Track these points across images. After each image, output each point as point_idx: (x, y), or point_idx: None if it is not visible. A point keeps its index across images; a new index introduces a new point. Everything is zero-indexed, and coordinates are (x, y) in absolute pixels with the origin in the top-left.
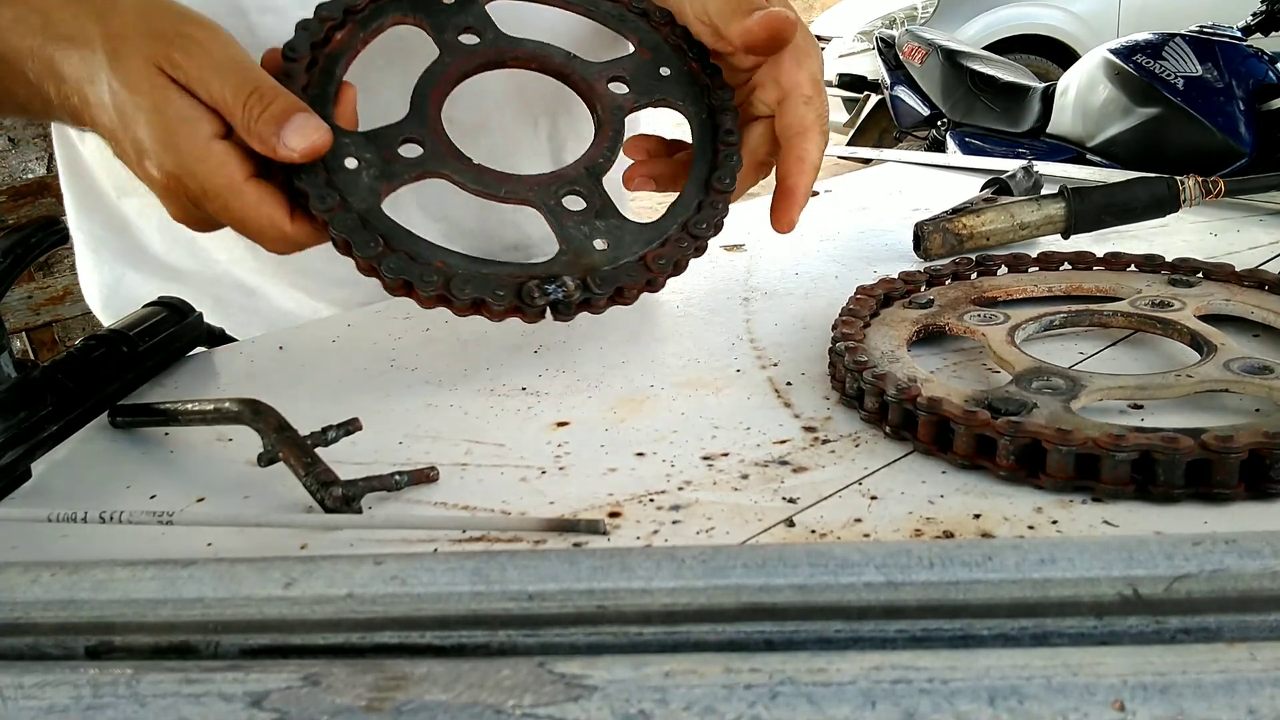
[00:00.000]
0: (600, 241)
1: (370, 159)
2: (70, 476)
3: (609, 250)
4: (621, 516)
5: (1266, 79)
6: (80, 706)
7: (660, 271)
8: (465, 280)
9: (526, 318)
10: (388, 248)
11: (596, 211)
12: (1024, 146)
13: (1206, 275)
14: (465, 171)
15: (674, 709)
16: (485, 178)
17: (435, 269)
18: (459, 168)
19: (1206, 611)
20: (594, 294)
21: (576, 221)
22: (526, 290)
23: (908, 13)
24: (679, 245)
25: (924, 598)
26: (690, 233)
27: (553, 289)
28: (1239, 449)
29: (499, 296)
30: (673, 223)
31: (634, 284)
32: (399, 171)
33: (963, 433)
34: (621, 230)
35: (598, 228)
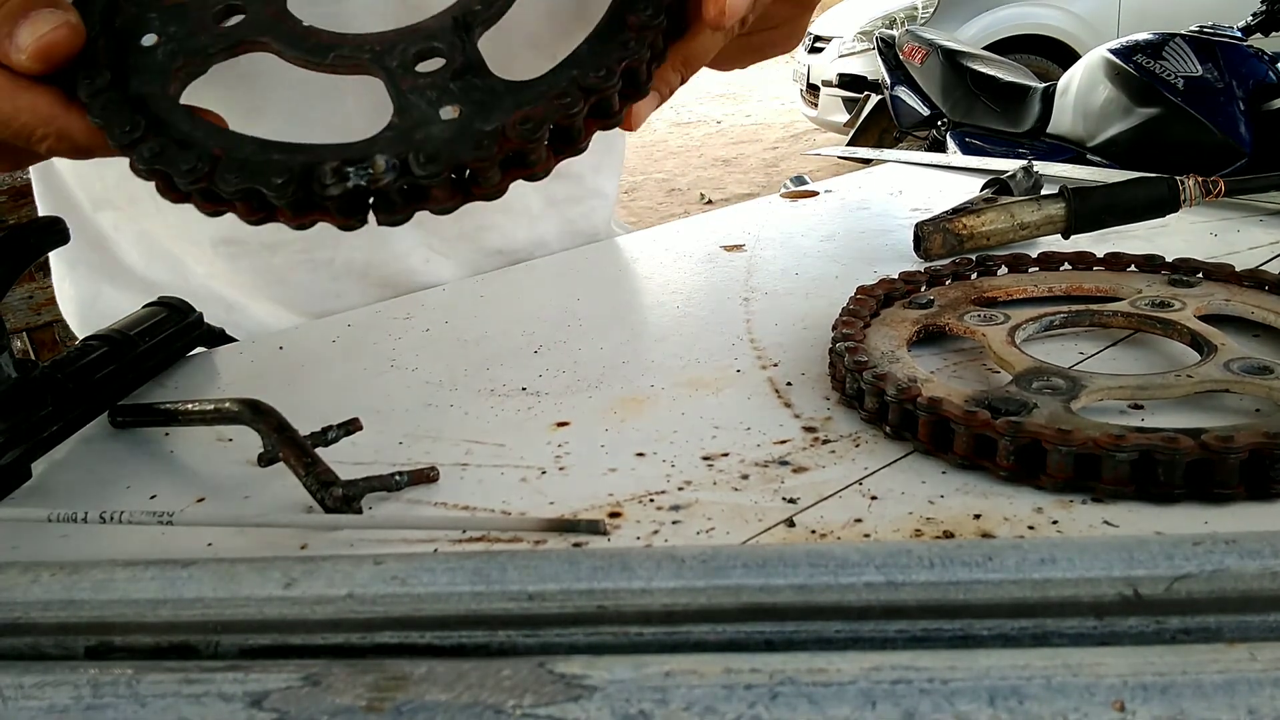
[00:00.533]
0: (450, 109)
1: (174, 33)
2: (70, 476)
3: (460, 120)
4: (621, 516)
5: (1266, 79)
6: (80, 706)
7: (524, 140)
8: (237, 167)
9: (329, 218)
10: (151, 132)
11: (455, 71)
12: (1024, 146)
13: (1206, 275)
14: (288, 37)
15: (674, 709)
16: (310, 42)
17: (207, 156)
18: (282, 32)
19: (1207, 611)
20: (416, 175)
21: (423, 86)
22: (317, 175)
23: (908, 13)
24: (559, 103)
25: (924, 598)
26: (581, 85)
27: (354, 171)
28: (1239, 449)
29: (278, 186)
30: (562, 76)
31: (480, 160)
32: (203, 46)
33: (963, 433)
34: (485, 91)
35: (451, 91)
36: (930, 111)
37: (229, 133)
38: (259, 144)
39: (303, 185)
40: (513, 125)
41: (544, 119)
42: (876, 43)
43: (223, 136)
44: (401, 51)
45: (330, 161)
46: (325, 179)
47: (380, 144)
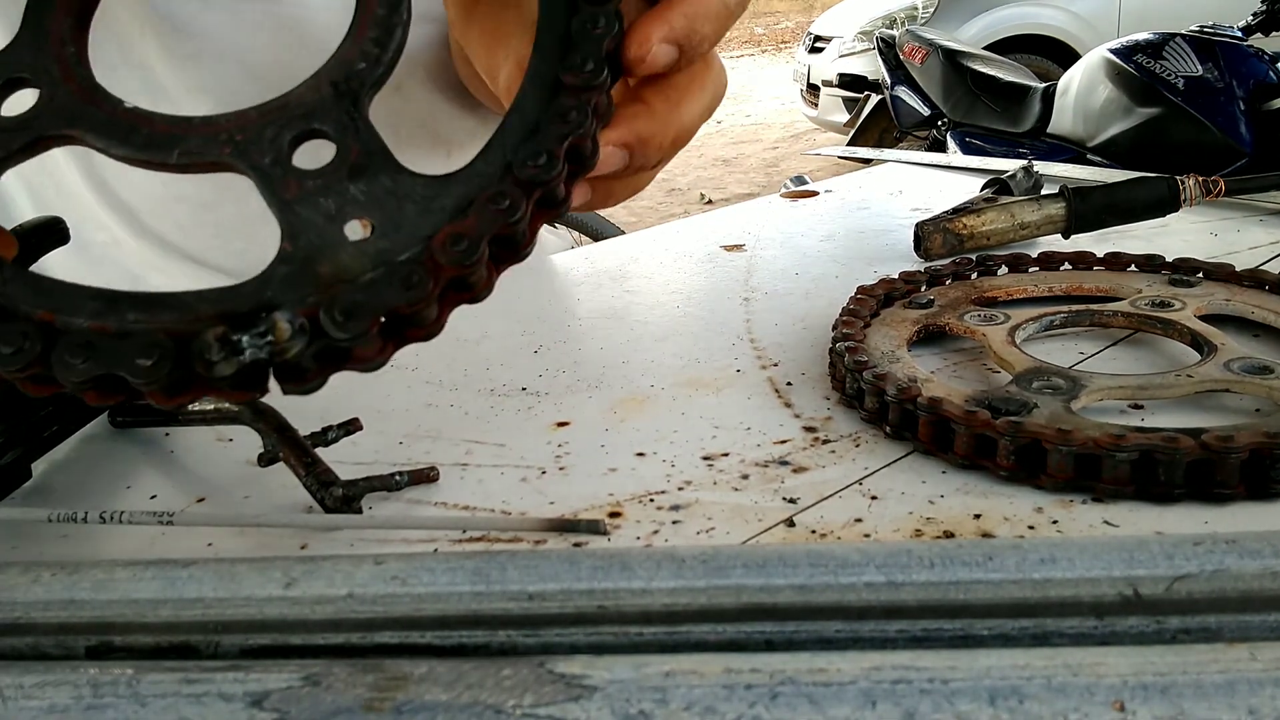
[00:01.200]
0: (357, 224)
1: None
2: (70, 476)
3: (374, 239)
4: (621, 516)
5: (1266, 79)
6: (80, 706)
7: (461, 266)
8: (78, 346)
9: (225, 395)
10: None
11: (354, 167)
12: (1024, 146)
13: (1207, 275)
14: (110, 125)
15: (674, 709)
16: (141, 133)
17: (30, 325)
18: (99, 120)
19: (1207, 611)
20: (335, 338)
21: (313, 191)
22: (198, 351)
23: (908, 13)
24: (496, 209)
25: (924, 598)
26: (519, 179)
27: (248, 340)
28: (1239, 449)
29: (146, 371)
30: (491, 164)
31: (412, 303)
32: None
33: (963, 433)
34: (398, 197)
35: (353, 198)
36: (930, 111)
37: (55, 284)
38: (104, 300)
39: (179, 364)
40: (443, 248)
41: (480, 233)
42: (876, 43)
43: (49, 292)
44: (273, 140)
45: (212, 327)
46: (209, 354)
47: (275, 286)
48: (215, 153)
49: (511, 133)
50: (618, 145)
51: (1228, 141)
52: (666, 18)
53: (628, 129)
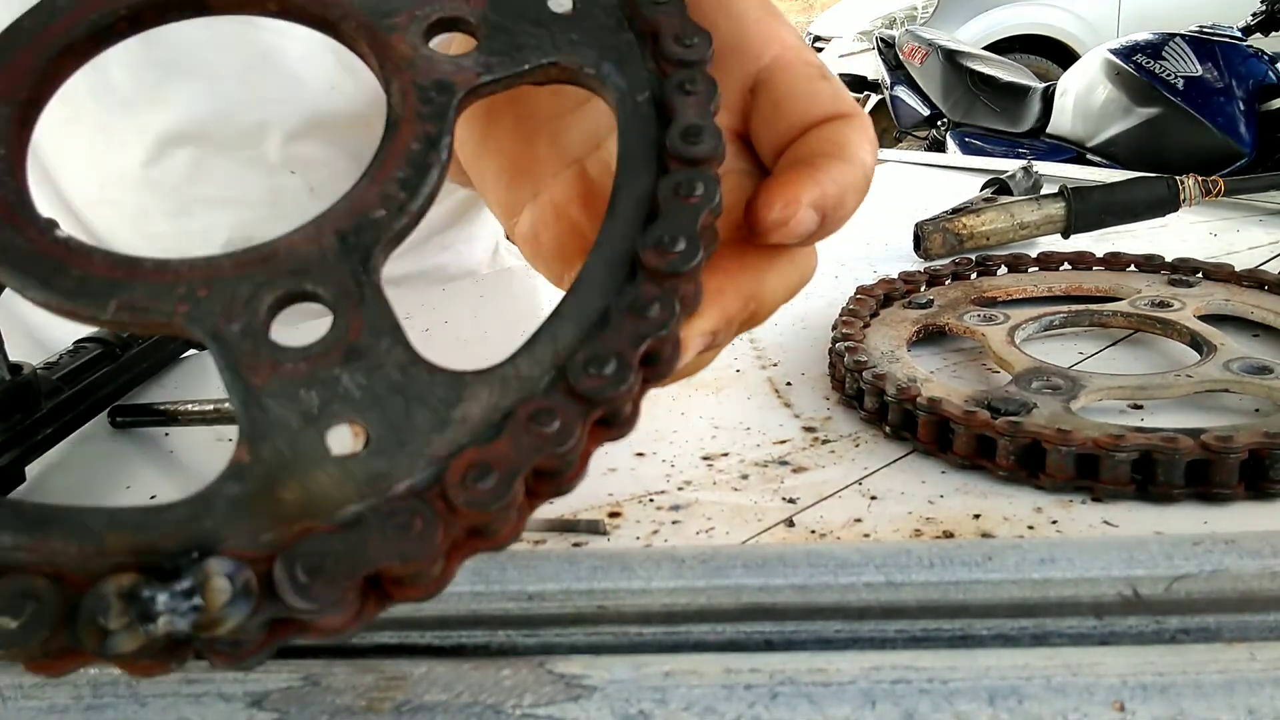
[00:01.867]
0: (347, 432)
1: None
2: (69, 477)
3: (367, 455)
4: (621, 516)
5: (1266, 79)
6: (80, 706)
7: (482, 510)
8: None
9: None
10: None
11: (351, 349)
12: (1024, 146)
13: (1206, 275)
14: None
15: (674, 709)
16: (73, 274)
17: None
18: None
19: (1206, 611)
20: (294, 606)
21: (292, 377)
22: (91, 611)
23: (908, 13)
24: (539, 433)
25: (924, 598)
26: (575, 390)
27: (165, 601)
28: (1239, 449)
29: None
30: (537, 364)
31: (407, 560)
32: None
33: (963, 433)
34: (406, 396)
35: (345, 393)
36: (930, 111)
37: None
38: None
39: (65, 626)
40: (460, 482)
41: (515, 465)
42: (876, 43)
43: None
44: (248, 301)
45: (116, 575)
46: (105, 618)
47: (216, 514)
48: (166, 309)
49: (567, 323)
50: (702, 336)
51: (1227, 141)
52: (818, 180)
53: (718, 315)
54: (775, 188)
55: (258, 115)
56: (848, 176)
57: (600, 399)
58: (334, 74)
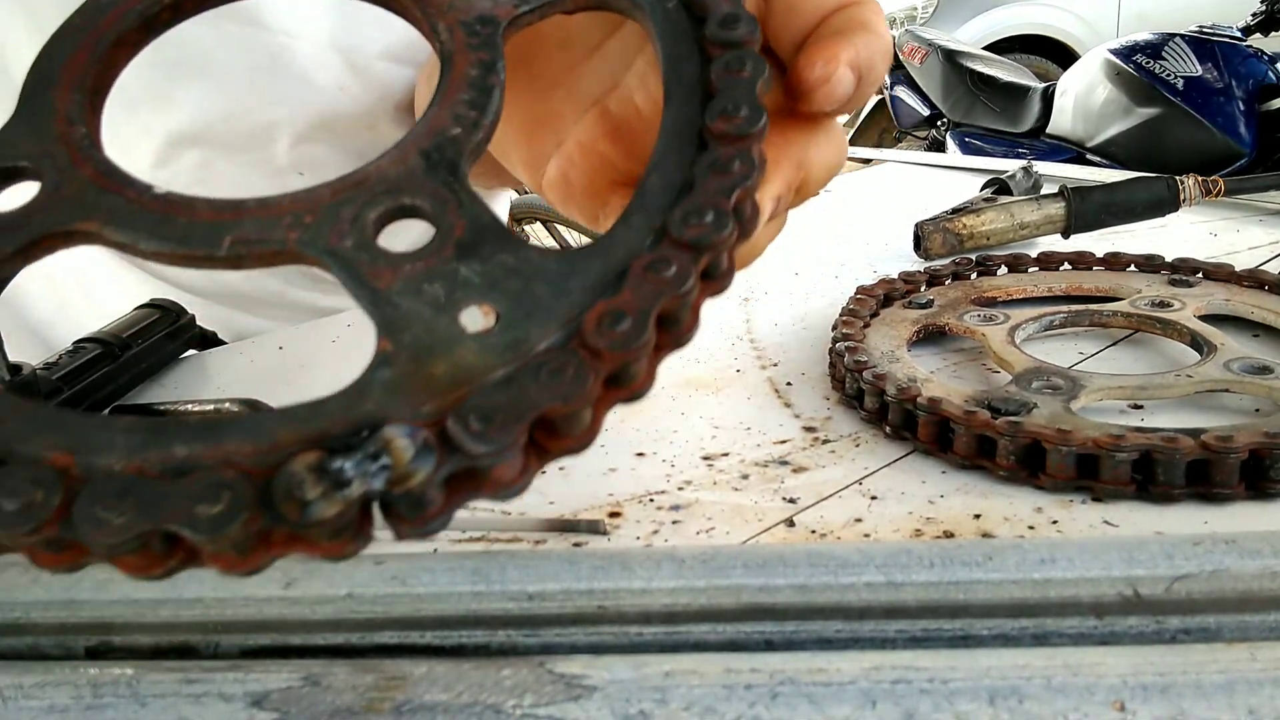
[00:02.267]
0: (478, 311)
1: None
2: None
3: (501, 329)
4: (621, 516)
5: (1266, 79)
6: (80, 706)
7: (621, 353)
8: (113, 495)
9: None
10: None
11: (461, 245)
12: (1024, 146)
13: (1206, 275)
14: (136, 216)
15: (674, 709)
16: (180, 222)
17: (44, 472)
18: (120, 209)
19: (1206, 611)
20: (473, 455)
21: (414, 277)
22: (286, 487)
23: (907, 13)
24: (656, 277)
25: (924, 598)
26: (680, 241)
27: (353, 467)
28: (1239, 449)
29: (211, 521)
30: (637, 231)
31: (567, 404)
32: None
33: (963, 433)
34: (525, 275)
35: (467, 281)
36: (930, 111)
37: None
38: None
39: (262, 509)
40: (594, 329)
41: (643, 309)
42: None
43: (72, 427)
44: (353, 220)
45: (301, 456)
46: (303, 491)
47: (376, 396)
48: (279, 237)
49: (655, 195)
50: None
51: (1227, 141)
52: (852, 42)
53: (779, 180)
54: (814, 50)
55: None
56: (875, 45)
57: (705, 245)
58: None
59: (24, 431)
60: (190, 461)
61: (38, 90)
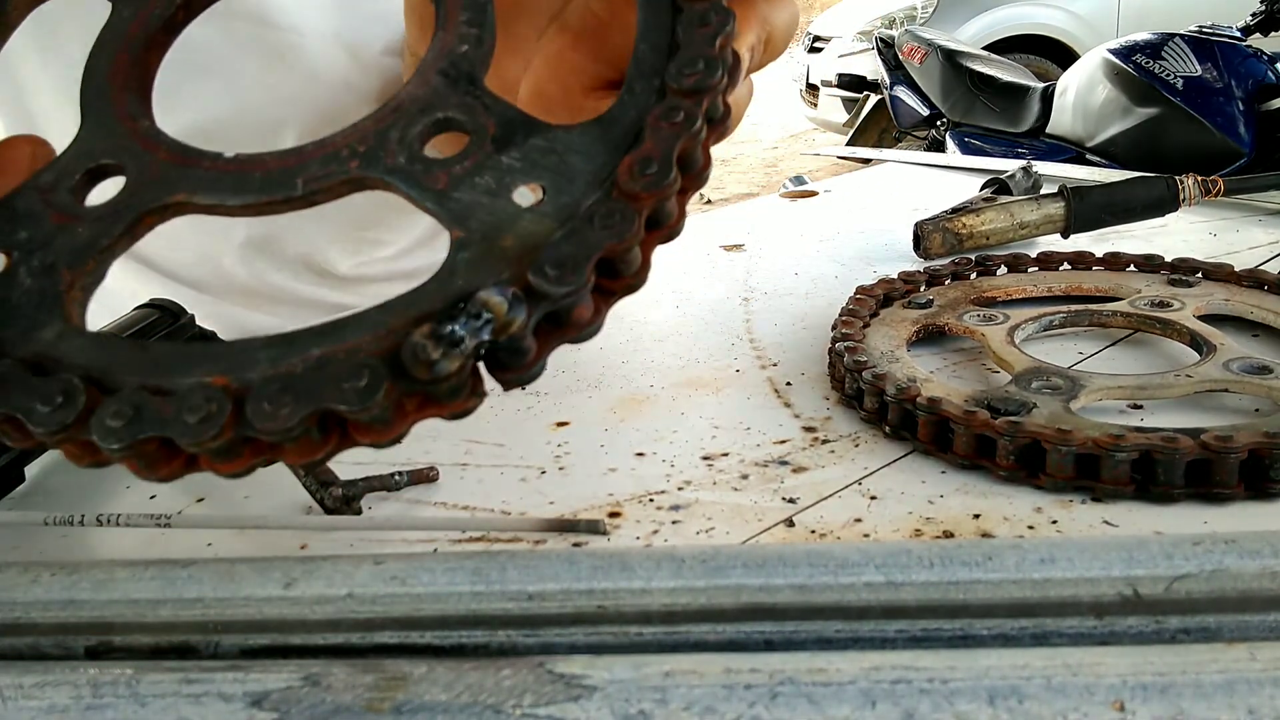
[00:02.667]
0: (526, 190)
1: (29, 239)
2: (69, 477)
3: (550, 199)
4: (621, 516)
5: (1266, 79)
6: (80, 706)
7: (655, 192)
8: (275, 392)
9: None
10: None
11: (496, 140)
12: (1023, 146)
13: (1206, 275)
14: (217, 179)
15: (674, 709)
16: (255, 176)
17: (210, 391)
18: (202, 178)
19: (1206, 611)
20: (556, 297)
21: (465, 175)
22: (413, 354)
23: (907, 13)
24: (669, 124)
25: (924, 598)
26: (682, 90)
27: (463, 327)
28: (1239, 449)
29: (360, 393)
30: (642, 92)
31: (622, 241)
32: (87, 240)
33: (962, 433)
34: (558, 151)
35: (510, 167)
36: (930, 111)
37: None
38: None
39: (397, 377)
40: (631, 176)
41: (667, 153)
42: (876, 43)
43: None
44: (400, 140)
45: (418, 329)
46: (427, 354)
47: (462, 274)
48: (343, 170)
49: (647, 59)
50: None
51: (1227, 141)
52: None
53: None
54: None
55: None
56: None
57: (704, 89)
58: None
59: (179, 367)
60: (326, 357)
61: (97, 97)
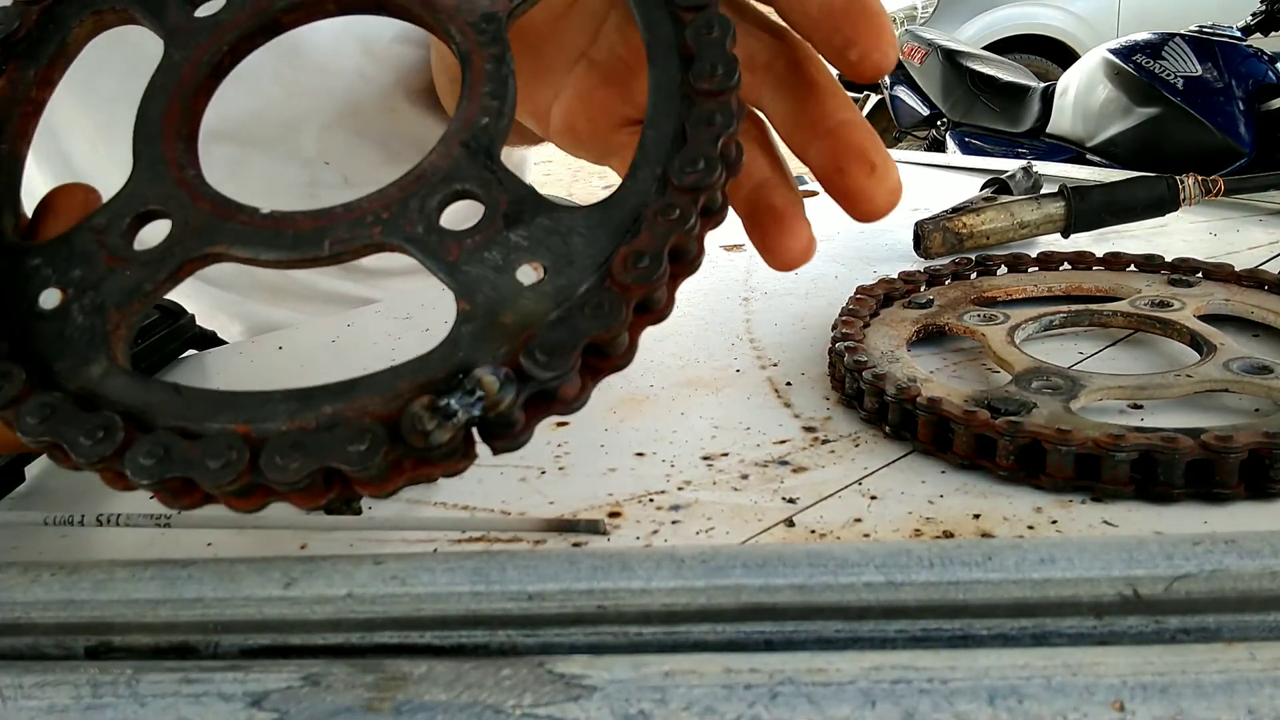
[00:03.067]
0: (529, 269)
1: (82, 278)
2: (70, 477)
3: (549, 279)
4: (621, 516)
5: (1266, 79)
6: (80, 706)
7: (645, 285)
8: (287, 447)
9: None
10: (132, 429)
11: (507, 216)
12: (1024, 146)
13: (1206, 275)
14: (253, 234)
15: (674, 709)
16: (288, 233)
17: (232, 439)
18: (240, 232)
19: (1206, 611)
20: (542, 380)
21: (475, 249)
22: (410, 424)
23: (907, 12)
24: (667, 221)
25: (924, 598)
26: (681, 187)
27: (457, 401)
28: (1239, 449)
29: (360, 456)
30: (644, 182)
31: (610, 331)
32: (133, 284)
33: (962, 433)
34: (561, 233)
35: (517, 245)
36: (930, 111)
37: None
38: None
39: (392, 442)
40: (624, 269)
41: (658, 247)
42: None
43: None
44: (420, 209)
45: (417, 400)
46: (423, 425)
47: (464, 347)
48: (366, 235)
49: (654, 148)
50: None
51: (1227, 141)
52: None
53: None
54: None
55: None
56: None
57: (702, 187)
58: (360, 61)
59: (207, 413)
60: (336, 416)
61: (148, 143)
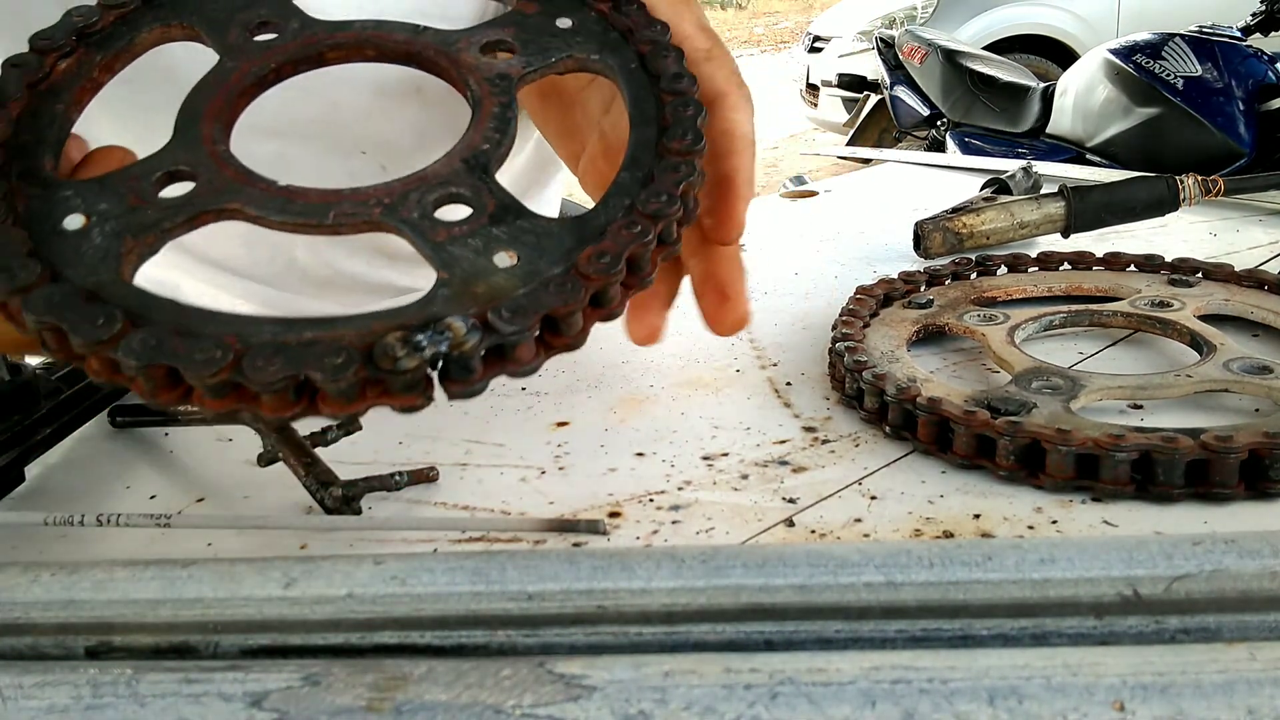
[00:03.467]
0: (505, 255)
1: (107, 210)
2: (69, 477)
3: (521, 265)
4: (621, 516)
5: (1266, 79)
6: (80, 706)
7: (603, 277)
8: (269, 353)
9: (398, 399)
10: (130, 324)
11: (492, 216)
12: (1024, 146)
13: (1206, 275)
14: (267, 199)
15: (674, 709)
16: (298, 203)
17: (220, 342)
18: (255, 195)
19: (1206, 611)
20: (504, 334)
21: (460, 235)
22: (383, 350)
23: (908, 13)
24: (629, 233)
25: (924, 598)
26: (644, 213)
27: (426, 338)
28: (1238, 449)
29: (334, 368)
30: (615, 207)
31: (566, 306)
32: (152, 220)
33: (962, 433)
34: (537, 234)
35: (497, 237)
36: (930, 111)
37: (234, 315)
38: (280, 324)
39: (365, 362)
40: (588, 262)
41: (619, 252)
42: (876, 43)
43: (230, 320)
44: (418, 202)
45: (392, 332)
46: (393, 351)
47: (439, 304)
48: (366, 214)
49: (626, 185)
50: None
51: (1227, 141)
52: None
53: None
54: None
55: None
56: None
57: (661, 215)
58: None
59: (200, 323)
60: (315, 340)
61: (189, 122)
